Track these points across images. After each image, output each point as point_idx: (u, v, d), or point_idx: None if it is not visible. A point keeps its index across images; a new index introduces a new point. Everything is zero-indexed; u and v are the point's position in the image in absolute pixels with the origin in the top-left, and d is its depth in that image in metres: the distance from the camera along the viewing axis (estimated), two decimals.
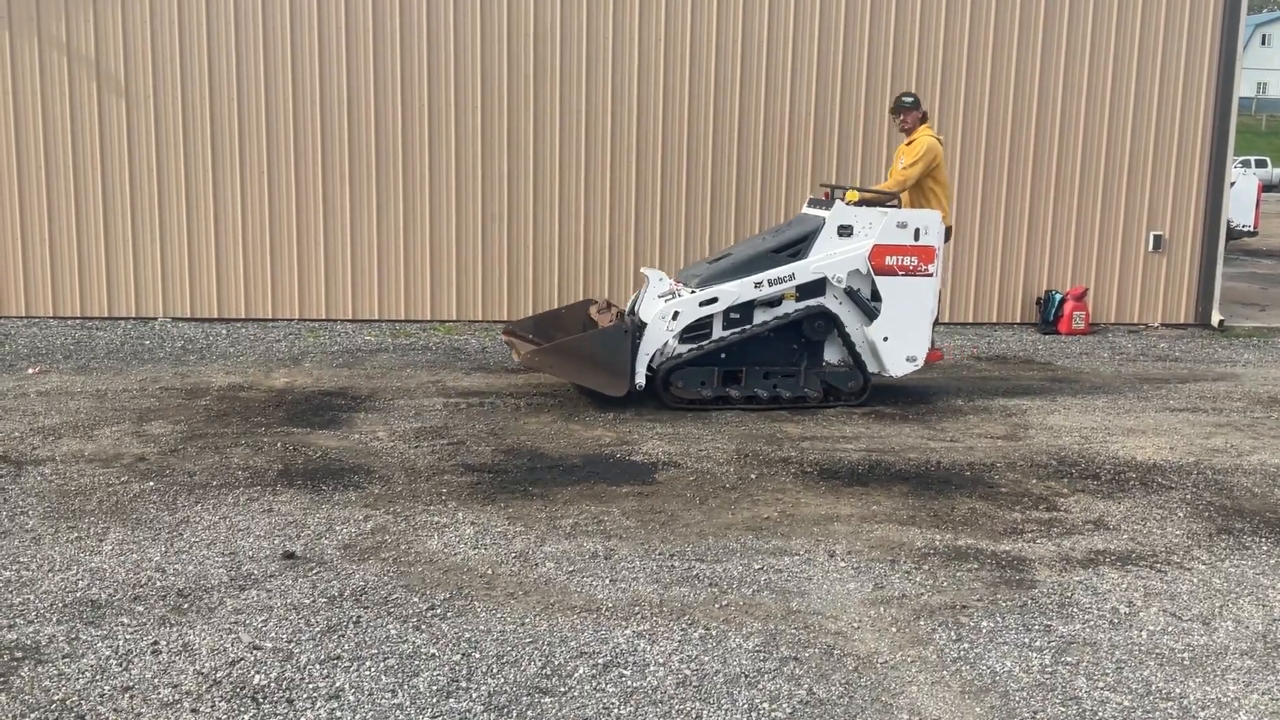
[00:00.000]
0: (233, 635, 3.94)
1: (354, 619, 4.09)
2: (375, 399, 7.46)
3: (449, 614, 4.16)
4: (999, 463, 6.35)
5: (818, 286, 7.40)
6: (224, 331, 10.00)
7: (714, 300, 7.28)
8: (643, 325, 7.30)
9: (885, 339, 7.46)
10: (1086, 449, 6.69)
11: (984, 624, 4.21)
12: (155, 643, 3.87)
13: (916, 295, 7.46)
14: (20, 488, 5.48)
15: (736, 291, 7.28)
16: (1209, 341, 10.81)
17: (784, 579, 4.58)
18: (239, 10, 10.08)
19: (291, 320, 10.50)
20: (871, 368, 7.57)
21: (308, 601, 4.23)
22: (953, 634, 4.12)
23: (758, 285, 7.30)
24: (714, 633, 4.06)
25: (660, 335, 7.25)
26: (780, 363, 7.47)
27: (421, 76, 10.32)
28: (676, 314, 7.24)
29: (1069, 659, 3.96)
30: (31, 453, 6.07)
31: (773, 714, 3.52)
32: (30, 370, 8.21)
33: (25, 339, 9.43)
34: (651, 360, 7.28)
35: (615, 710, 3.52)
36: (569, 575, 4.56)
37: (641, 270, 8.17)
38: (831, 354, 7.58)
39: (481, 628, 4.05)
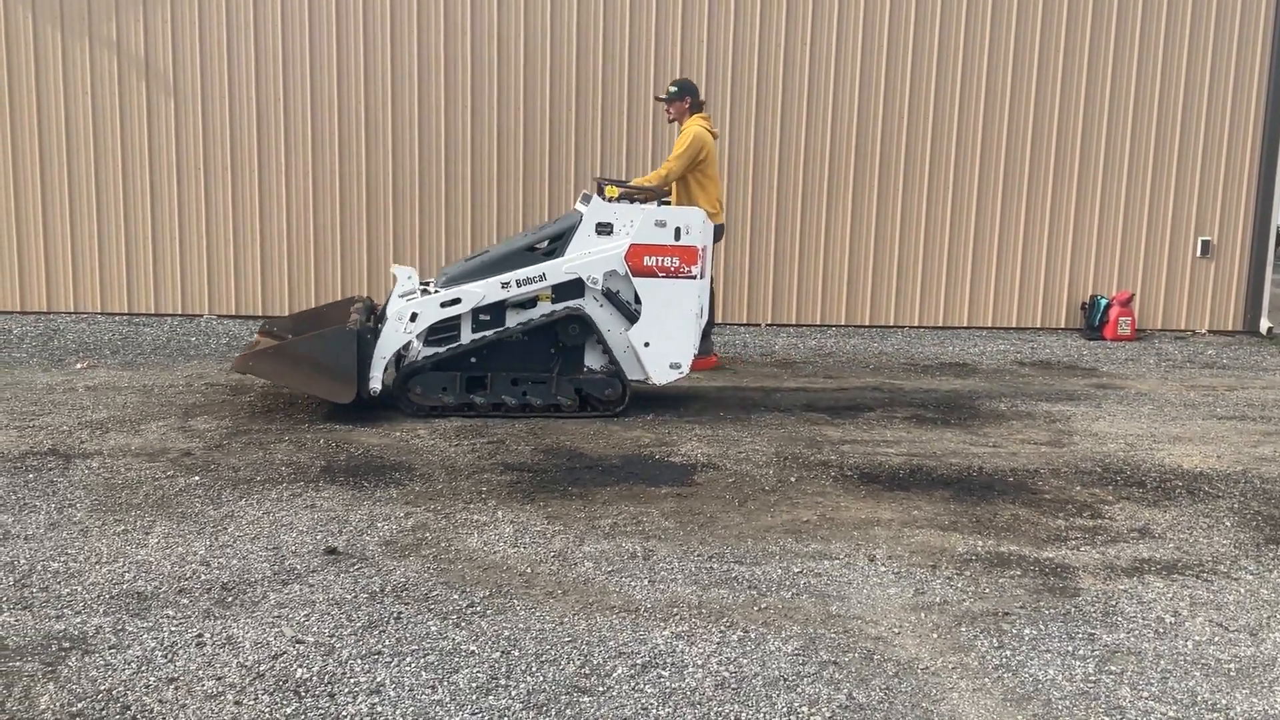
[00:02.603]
0: (276, 629, 3.98)
1: (395, 615, 4.12)
2: None
3: (488, 612, 4.18)
4: (1042, 469, 6.28)
5: (575, 288, 6.99)
6: None
7: (456, 301, 6.87)
8: (380, 326, 6.93)
9: (647, 344, 7.04)
10: (1132, 456, 6.61)
11: (1026, 631, 4.17)
12: (200, 635, 3.92)
13: (679, 298, 7.01)
14: (68, 480, 5.57)
15: (482, 292, 6.88)
16: (1257, 349, 10.64)
17: (823, 583, 4.56)
18: (285, 10, 10.19)
19: None
20: (635, 374, 7.15)
21: (349, 597, 4.27)
22: (994, 641, 4.08)
23: (505, 285, 6.89)
24: (753, 635, 4.05)
25: (398, 337, 6.85)
26: (533, 368, 7.05)
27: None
28: (415, 315, 6.84)
29: (1113, 668, 3.91)
30: (79, 446, 6.17)
31: (811, 718, 3.51)
32: (78, 365, 8.34)
33: (74, 334, 9.58)
34: (392, 364, 6.93)
35: (654, 711, 3.52)
36: (607, 575, 4.56)
37: (391, 268, 7.64)
38: (594, 360, 7.14)
39: (521, 626, 4.06)
